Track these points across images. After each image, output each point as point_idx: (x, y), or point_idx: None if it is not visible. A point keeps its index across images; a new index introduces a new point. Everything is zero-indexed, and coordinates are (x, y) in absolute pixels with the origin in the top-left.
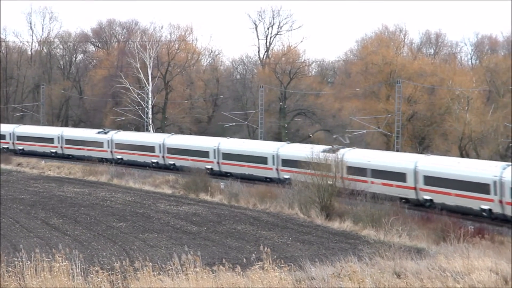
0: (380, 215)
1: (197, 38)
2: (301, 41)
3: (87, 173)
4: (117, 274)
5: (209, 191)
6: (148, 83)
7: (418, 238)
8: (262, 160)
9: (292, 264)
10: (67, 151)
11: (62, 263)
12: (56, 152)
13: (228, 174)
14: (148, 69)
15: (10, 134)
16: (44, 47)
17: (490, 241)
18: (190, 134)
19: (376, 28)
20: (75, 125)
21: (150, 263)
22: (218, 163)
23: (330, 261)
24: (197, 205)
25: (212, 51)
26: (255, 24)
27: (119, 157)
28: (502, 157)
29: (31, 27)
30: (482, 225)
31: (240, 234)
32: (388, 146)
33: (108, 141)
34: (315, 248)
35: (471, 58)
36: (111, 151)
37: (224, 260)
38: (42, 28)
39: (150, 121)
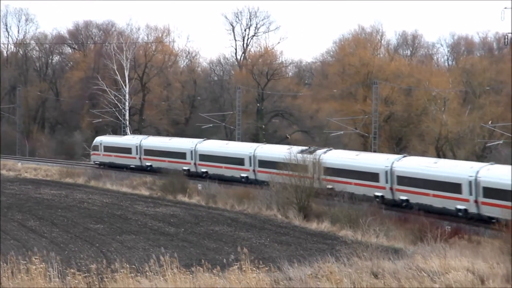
0: (358, 216)
1: (174, 40)
2: (278, 43)
3: (64, 175)
4: (94, 276)
5: (187, 192)
6: (125, 85)
7: (395, 239)
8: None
9: (270, 265)
10: (261, 176)
11: (39, 265)
12: (247, 177)
13: None
14: (125, 71)
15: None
16: (20, 49)
17: (467, 241)
18: (168, 135)
19: (352, 29)
20: (52, 127)
21: (128, 265)
22: None
23: (308, 262)
24: (174, 207)
25: (189, 53)
26: (232, 26)
27: (330, 186)
28: (479, 158)
29: (6, 29)
30: (459, 225)
31: (218, 235)
32: (365, 147)
33: (315, 164)
34: (293, 248)
35: (448, 59)
36: (319, 179)
37: (202, 261)
38: (18, 30)
39: (127, 122)
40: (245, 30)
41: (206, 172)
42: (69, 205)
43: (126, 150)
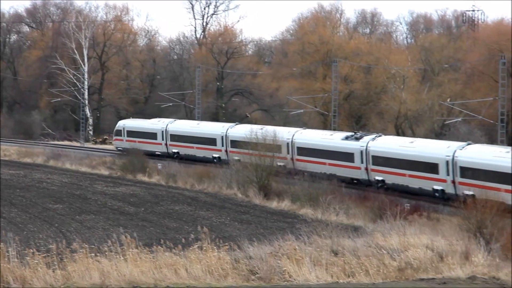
0: (318, 194)
1: (133, 18)
2: (238, 21)
3: (22, 155)
4: (54, 256)
5: (147, 171)
6: (84, 64)
7: (355, 217)
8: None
9: (231, 244)
10: (299, 165)
11: None
12: (284, 166)
13: None
14: (84, 50)
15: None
16: None
17: (427, 219)
18: (127, 114)
19: (312, 8)
20: (10, 106)
21: (87, 245)
22: None
23: (268, 241)
24: (134, 186)
25: (148, 31)
26: (192, 4)
27: (379, 178)
28: (437, 135)
29: None
30: (418, 203)
31: (178, 215)
32: (325, 125)
33: (362, 152)
34: (253, 227)
35: (407, 37)
36: (367, 169)
37: (162, 240)
38: None
39: (86, 102)
40: (204, 9)
41: (239, 160)
42: (27, 185)
43: (151, 135)
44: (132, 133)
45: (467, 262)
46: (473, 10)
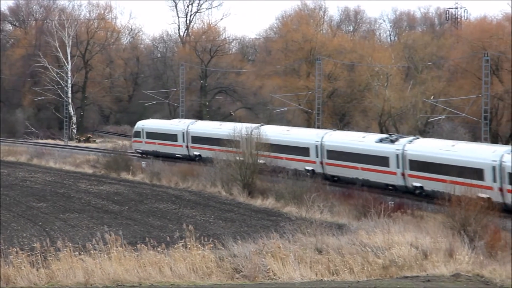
0: (302, 192)
1: (116, 17)
2: (221, 19)
3: (5, 153)
4: (38, 254)
5: (131, 170)
6: (67, 62)
7: (339, 214)
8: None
9: (215, 242)
10: (330, 170)
11: None
12: (313, 170)
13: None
14: (67, 48)
15: None
16: None
17: (411, 216)
18: (111, 112)
19: (295, 5)
20: None
21: (71, 243)
22: None
23: (252, 239)
24: (118, 184)
25: (131, 30)
26: (175, 2)
27: (418, 184)
28: (421, 133)
29: None
30: (402, 200)
31: (162, 213)
32: (309, 123)
33: (398, 156)
34: (238, 225)
35: (390, 34)
36: (403, 174)
37: (146, 239)
38: None
39: (70, 100)
40: (188, 7)
41: (264, 164)
42: (11, 184)
43: (171, 137)
44: (151, 135)
45: (451, 260)
46: (456, 8)
